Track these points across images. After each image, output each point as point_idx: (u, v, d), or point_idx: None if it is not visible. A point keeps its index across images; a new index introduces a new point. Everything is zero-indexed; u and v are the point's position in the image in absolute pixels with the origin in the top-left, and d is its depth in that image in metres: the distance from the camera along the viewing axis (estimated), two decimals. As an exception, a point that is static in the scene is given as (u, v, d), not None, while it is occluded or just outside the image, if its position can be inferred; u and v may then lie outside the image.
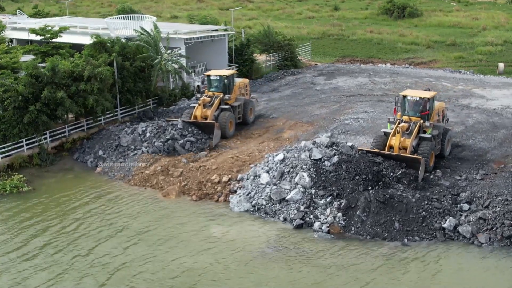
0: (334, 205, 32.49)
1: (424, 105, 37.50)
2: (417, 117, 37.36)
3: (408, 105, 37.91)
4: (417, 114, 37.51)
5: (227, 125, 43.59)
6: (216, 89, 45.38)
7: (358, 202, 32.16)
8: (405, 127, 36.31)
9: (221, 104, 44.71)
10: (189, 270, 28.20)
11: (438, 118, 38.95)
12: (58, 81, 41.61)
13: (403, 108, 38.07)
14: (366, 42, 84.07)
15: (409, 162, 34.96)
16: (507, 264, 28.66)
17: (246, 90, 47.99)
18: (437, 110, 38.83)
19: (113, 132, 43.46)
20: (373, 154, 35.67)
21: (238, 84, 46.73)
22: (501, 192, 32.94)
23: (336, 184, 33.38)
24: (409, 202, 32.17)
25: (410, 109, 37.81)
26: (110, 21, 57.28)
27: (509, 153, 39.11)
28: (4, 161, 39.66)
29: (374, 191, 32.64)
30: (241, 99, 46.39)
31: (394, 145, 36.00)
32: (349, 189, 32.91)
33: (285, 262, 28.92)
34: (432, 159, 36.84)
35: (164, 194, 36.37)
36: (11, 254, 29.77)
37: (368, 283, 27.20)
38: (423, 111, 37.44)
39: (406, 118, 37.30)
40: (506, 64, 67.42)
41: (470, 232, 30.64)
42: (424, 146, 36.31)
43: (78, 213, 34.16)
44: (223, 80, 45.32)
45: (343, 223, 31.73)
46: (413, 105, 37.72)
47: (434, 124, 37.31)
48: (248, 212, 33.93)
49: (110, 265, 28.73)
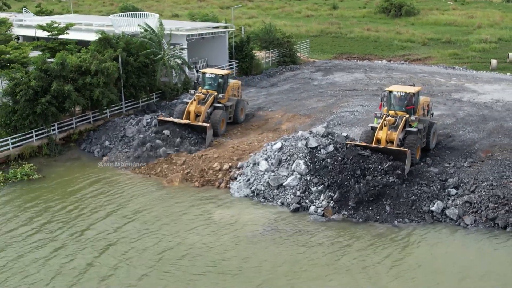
0: (327, 193, 34.36)
1: (410, 99, 38.57)
2: (403, 112, 38.38)
3: (394, 100, 38.90)
4: (402, 109, 38.52)
5: (219, 123, 44.80)
6: (210, 87, 46.53)
7: (350, 193, 33.88)
8: (392, 121, 37.37)
9: (215, 102, 45.90)
10: (180, 245, 30.53)
11: (423, 112, 40.05)
12: (66, 75, 43.57)
13: (389, 103, 39.04)
14: (363, 39, 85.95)
15: (396, 154, 35.71)
16: (490, 244, 30.60)
17: (238, 91, 49.19)
18: (422, 105, 39.86)
19: (119, 124, 45.50)
20: (361, 148, 36.35)
21: (231, 84, 48.07)
22: (487, 178, 34.87)
23: (328, 174, 35.08)
24: (399, 187, 34.10)
25: (396, 104, 38.83)
26: (114, 18, 59.19)
27: (496, 143, 40.96)
28: (15, 151, 41.65)
29: (365, 184, 33.99)
30: (233, 99, 47.46)
31: (381, 138, 36.95)
32: (340, 181, 34.41)
33: (281, 241, 30.86)
34: (418, 152, 37.95)
35: (168, 181, 38.31)
36: (17, 230, 32.18)
37: (362, 260, 29.12)
38: (408, 106, 38.51)
39: (392, 113, 38.19)
40: (499, 60, 69.31)
41: (457, 214, 32.59)
42: (410, 139, 37.28)
43: (83, 197, 36.34)
44: (218, 79, 46.63)
45: (337, 208, 33.65)
46: (398, 100, 38.81)
47: (419, 118, 38.41)
48: (248, 197, 35.92)
49: (107, 239, 31.23)
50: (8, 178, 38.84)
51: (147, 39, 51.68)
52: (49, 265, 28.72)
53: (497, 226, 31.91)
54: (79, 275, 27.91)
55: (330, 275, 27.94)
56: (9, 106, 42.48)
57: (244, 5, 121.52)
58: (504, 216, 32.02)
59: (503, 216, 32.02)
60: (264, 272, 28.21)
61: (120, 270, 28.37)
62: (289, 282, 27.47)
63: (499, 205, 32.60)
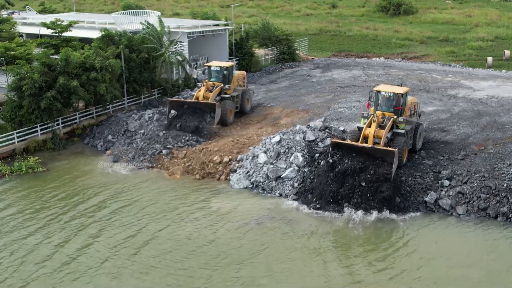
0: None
1: (398, 100, 37.87)
2: (391, 112, 37.69)
3: (381, 100, 38.16)
4: (390, 109, 37.84)
5: (227, 113, 46.42)
6: (216, 79, 48.13)
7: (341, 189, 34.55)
8: (380, 119, 36.69)
9: (221, 93, 47.62)
10: (175, 233, 31.85)
11: (410, 113, 39.59)
12: (70, 71, 44.64)
13: (376, 103, 38.31)
14: (361, 38, 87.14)
15: (383, 154, 34.59)
16: (481, 232, 31.68)
17: (244, 81, 50.77)
18: (409, 105, 39.32)
19: (121, 119, 46.60)
20: (346, 147, 35.28)
21: (236, 75, 49.57)
22: (479, 170, 35.92)
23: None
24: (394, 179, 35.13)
25: (383, 104, 38.08)
26: (116, 16, 60.24)
27: (490, 137, 41.95)
28: (20, 145, 42.76)
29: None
30: (239, 90, 49.14)
31: (369, 135, 35.70)
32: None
33: (277, 230, 31.91)
34: (405, 153, 37.15)
35: (170, 173, 39.42)
36: (20, 217, 33.30)
37: (357, 247, 30.21)
38: (396, 106, 37.85)
39: (380, 113, 37.32)
40: (495, 58, 70.40)
41: (449, 205, 33.68)
42: (398, 140, 36.49)
43: (85, 188, 37.45)
44: (223, 71, 48.10)
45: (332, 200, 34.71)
46: (386, 100, 38.09)
47: (407, 120, 37.79)
48: (247, 189, 37.03)
49: (104, 223, 32.87)
50: (13, 171, 39.93)
51: (148, 35, 52.74)
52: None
53: (488, 215, 33.01)
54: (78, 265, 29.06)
55: (301, 260, 29.07)
56: (15, 101, 43.57)
57: (244, 4, 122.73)
58: (495, 206, 33.12)
59: (494, 206, 33.13)
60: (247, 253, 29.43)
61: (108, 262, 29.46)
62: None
63: (491, 195, 33.71)
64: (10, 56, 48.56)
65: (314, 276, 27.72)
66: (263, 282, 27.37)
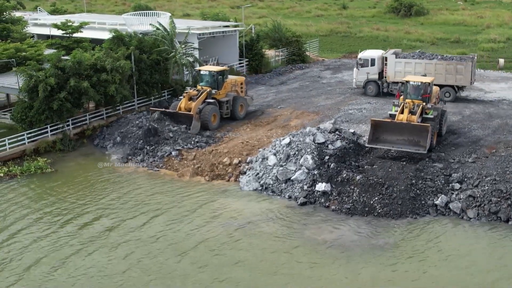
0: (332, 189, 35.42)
1: (425, 89, 40.76)
2: (419, 100, 40.59)
3: (410, 89, 41.05)
4: (418, 97, 40.69)
5: (210, 118, 45.68)
6: (206, 84, 47.77)
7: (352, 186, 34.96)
8: (411, 106, 39.79)
9: (208, 98, 46.97)
10: (175, 231, 32.00)
11: (435, 100, 42.55)
12: (81, 72, 44.73)
13: (406, 92, 41.29)
14: (372, 39, 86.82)
15: (417, 130, 38.04)
16: (492, 236, 31.41)
17: (242, 87, 50.26)
18: (434, 94, 42.40)
19: (131, 120, 46.56)
20: (384, 123, 39.01)
21: (230, 81, 49.09)
22: (490, 173, 35.61)
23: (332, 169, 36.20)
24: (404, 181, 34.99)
25: (412, 92, 41.00)
26: (127, 17, 60.39)
27: (501, 140, 41.68)
28: (30, 146, 42.90)
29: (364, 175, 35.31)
30: (230, 95, 48.45)
31: (402, 120, 39.10)
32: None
33: (284, 233, 31.86)
34: (435, 137, 40.25)
35: (179, 175, 39.41)
36: (29, 217, 33.45)
37: (366, 250, 30.08)
38: (424, 94, 40.77)
39: (409, 101, 40.36)
40: (507, 60, 69.91)
41: (460, 208, 33.41)
42: (429, 123, 39.35)
43: (94, 189, 37.69)
44: (213, 76, 47.73)
45: (341, 200, 34.63)
46: (415, 89, 40.98)
47: (434, 106, 40.85)
48: (257, 191, 36.91)
49: (104, 227, 32.89)
50: (22, 172, 40.09)
51: (160, 37, 52.81)
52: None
53: (499, 219, 32.68)
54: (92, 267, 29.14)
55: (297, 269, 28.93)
56: (25, 102, 43.70)
57: (255, 5, 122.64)
58: (507, 210, 32.79)
59: (505, 209, 32.80)
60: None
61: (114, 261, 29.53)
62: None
63: (502, 199, 33.39)
64: (21, 57, 48.74)
65: (315, 279, 27.62)
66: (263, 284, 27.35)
